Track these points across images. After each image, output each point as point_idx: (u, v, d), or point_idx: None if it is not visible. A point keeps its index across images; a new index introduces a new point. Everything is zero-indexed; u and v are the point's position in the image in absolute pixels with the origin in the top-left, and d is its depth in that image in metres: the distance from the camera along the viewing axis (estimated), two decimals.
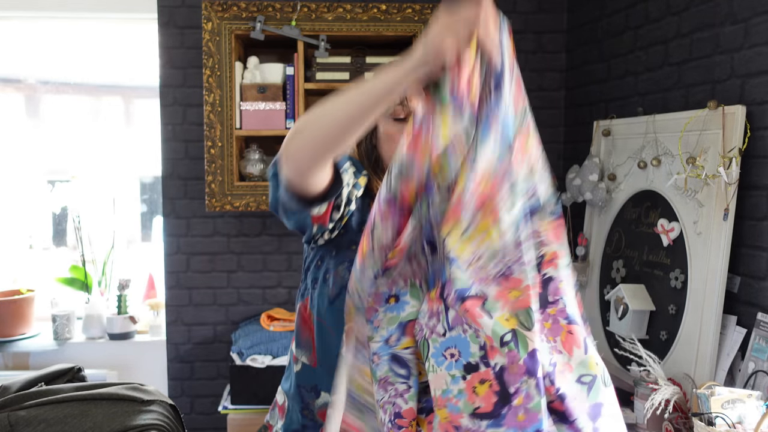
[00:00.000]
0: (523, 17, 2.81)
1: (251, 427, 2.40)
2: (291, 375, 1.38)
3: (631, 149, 2.16)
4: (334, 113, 1.02)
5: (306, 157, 1.05)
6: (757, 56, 1.68)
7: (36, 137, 3.05)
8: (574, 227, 2.50)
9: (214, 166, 2.53)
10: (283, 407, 1.40)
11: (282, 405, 1.40)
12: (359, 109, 0.99)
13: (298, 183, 1.11)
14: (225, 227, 2.79)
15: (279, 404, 1.42)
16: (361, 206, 1.28)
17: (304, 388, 1.34)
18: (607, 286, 2.24)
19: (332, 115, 1.02)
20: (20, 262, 3.03)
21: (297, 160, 1.06)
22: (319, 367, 1.30)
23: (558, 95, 2.85)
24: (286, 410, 1.38)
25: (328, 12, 2.51)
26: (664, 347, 1.90)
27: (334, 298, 1.26)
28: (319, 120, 1.04)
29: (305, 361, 1.34)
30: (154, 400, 1.62)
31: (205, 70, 2.50)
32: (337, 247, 1.28)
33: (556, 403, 0.95)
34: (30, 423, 1.51)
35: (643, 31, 2.20)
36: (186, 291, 2.79)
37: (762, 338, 1.62)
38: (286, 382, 1.41)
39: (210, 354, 2.81)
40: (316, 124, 1.04)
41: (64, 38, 2.99)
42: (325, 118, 1.03)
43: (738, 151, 1.67)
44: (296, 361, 1.36)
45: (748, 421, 1.46)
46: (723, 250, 1.71)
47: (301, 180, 1.10)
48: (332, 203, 1.19)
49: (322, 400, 1.32)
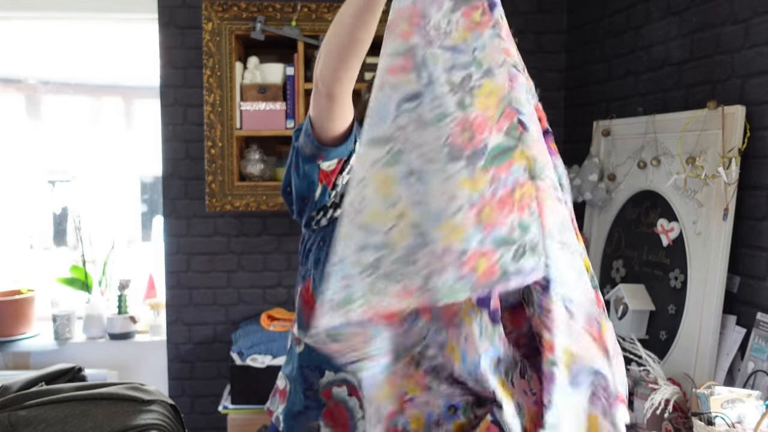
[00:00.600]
0: (523, 17, 2.81)
1: (251, 427, 2.40)
2: (293, 358, 1.40)
3: (631, 149, 2.16)
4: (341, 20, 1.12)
5: (331, 70, 1.15)
6: (757, 56, 1.69)
7: (36, 137, 3.05)
8: None
9: (214, 166, 2.53)
10: (284, 391, 1.41)
11: (283, 389, 1.42)
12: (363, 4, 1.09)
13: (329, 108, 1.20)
14: (225, 227, 2.79)
15: (280, 389, 1.44)
16: None
17: (308, 368, 1.36)
18: (607, 286, 2.24)
19: (339, 22, 1.13)
20: (20, 262, 3.03)
21: (329, 69, 1.16)
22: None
23: (558, 95, 2.85)
24: (288, 393, 1.40)
25: (328, 12, 2.51)
26: (663, 347, 1.90)
27: None
28: (330, 33, 1.15)
29: (309, 341, 1.35)
30: (155, 400, 1.62)
31: (205, 70, 2.50)
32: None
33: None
34: (30, 423, 1.51)
35: (644, 31, 2.20)
36: (186, 291, 2.79)
37: (761, 338, 1.62)
38: (286, 367, 1.43)
39: (210, 354, 2.81)
40: (330, 39, 1.15)
41: (64, 38, 2.99)
42: (335, 27, 1.14)
43: (738, 151, 1.67)
44: (299, 342, 1.38)
45: (748, 420, 1.47)
46: (723, 250, 1.71)
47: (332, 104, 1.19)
48: (341, 163, 1.26)
49: (326, 378, 1.34)
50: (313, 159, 1.26)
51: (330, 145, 1.25)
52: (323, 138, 1.24)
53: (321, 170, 1.26)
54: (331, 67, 1.16)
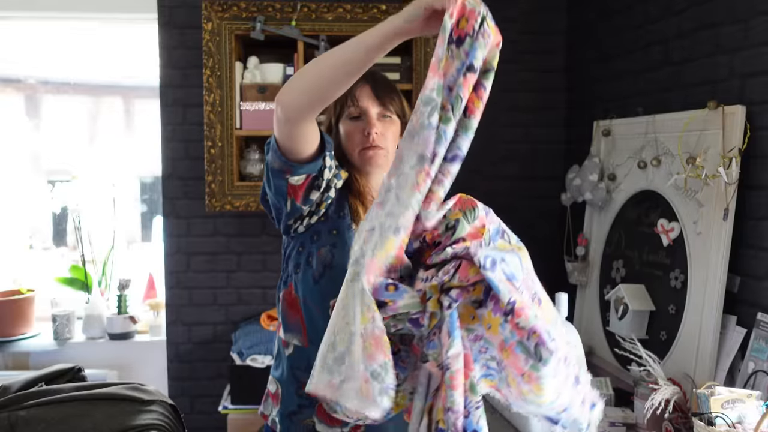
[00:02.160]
0: (523, 17, 2.81)
1: (251, 427, 2.40)
2: (282, 361, 1.43)
3: (631, 149, 2.16)
4: (331, 59, 1.16)
5: (300, 96, 1.19)
6: (757, 56, 1.68)
7: (36, 137, 3.05)
8: (574, 227, 2.50)
9: (214, 166, 2.53)
10: (276, 394, 1.44)
11: (275, 392, 1.44)
12: (353, 57, 1.13)
13: (288, 131, 1.24)
14: (225, 227, 2.79)
15: (272, 393, 1.46)
16: (339, 197, 1.39)
17: (299, 368, 1.39)
18: (607, 286, 2.24)
19: (329, 60, 1.16)
20: (20, 262, 3.03)
21: (292, 97, 1.19)
22: (311, 345, 1.34)
23: (558, 95, 2.85)
24: (281, 396, 1.42)
25: (328, 12, 2.51)
26: (664, 347, 1.90)
27: (318, 278, 1.36)
28: (317, 64, 1.18)
29: (297, 343, 1.40)
30: (154, 400, 1.62)
31: (205, 70, 2.50)
32: (317, 233, 1.38)
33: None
34: (30, 423, 1.51)
35: (643, 31, 2.20)
36: (186, 291, 2.79)
37: (762, 338, 1.62)
38: (276, 370, 1.46)
39: (210, 354, 2.81)
40: (314, 68, 1.18)
41: (64, 38, 2.99)
42: (322, 62, 1.17)
43: (738, 151, 1.67)
44: (287, 345, 1.42)
45: (748, 421, 1.46)
46: (723, 250, 1.71)
47: (291, 128, 1.23)
48: (309, 179, 1.30)
49: None
50: (281, 174, 1.30)
51: (298, 162, 1.28)
52: (290, 157, 1.28)
53: (289, 184, 1.30)
54: (297, 98, 1.19)
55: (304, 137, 1.25)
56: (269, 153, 1.31)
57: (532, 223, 2.77)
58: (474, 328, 1.04)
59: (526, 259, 1.09)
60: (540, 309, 1.04)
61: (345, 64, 1.13)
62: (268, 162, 1.32)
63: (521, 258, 1.07)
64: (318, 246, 1.37)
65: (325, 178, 1.32)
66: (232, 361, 2.45)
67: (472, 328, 1.04)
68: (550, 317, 1.05)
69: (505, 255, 1.04)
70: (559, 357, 1.00)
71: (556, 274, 2.56)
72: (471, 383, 1.03)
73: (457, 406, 1.00)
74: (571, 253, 2.46)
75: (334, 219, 1.38)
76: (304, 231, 1.38)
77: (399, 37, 1.11)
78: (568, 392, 1.06)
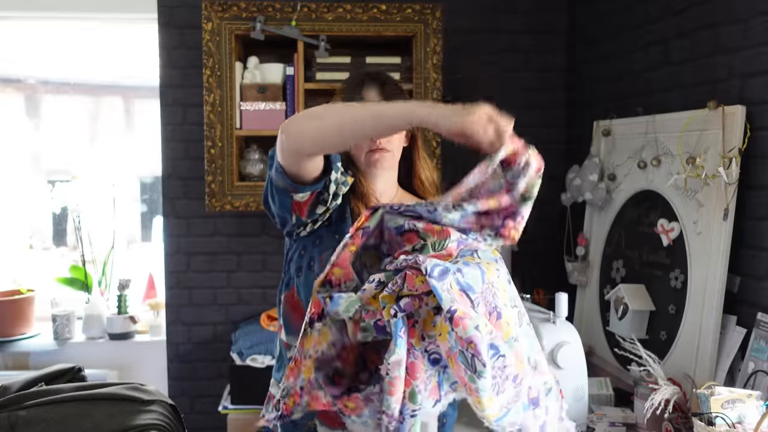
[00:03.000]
0: (523, 17, 2.81)
1: (251, 427, 2.39)
2: (284, 363, 1.43)
3: (631, 149, 2.16)
4: (353, 114, 1.18)
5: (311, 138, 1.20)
6: (757, 56, 1.68)
7: (36, 137, 3.05)
8: (574, 227, 2.50)
9: (214, 166, 2.53)
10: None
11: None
12: (373, 121, 1.16)
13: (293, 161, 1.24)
14: (225, 227, 2.79)
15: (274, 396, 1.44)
16: (342, 202, 1.40)
17: None
18: (607, 286, 2.24)
19: (351, 115, 1.18)
20: (20, 262, 3.03)
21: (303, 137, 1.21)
22: None
23: (558, 95, 2.85)
24: None
25: (328, 12, 2.51)
26: (664, 347, 1.90)
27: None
28: (339, 114, 1.19)
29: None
30: (154, 400, 1.62)
31: (205, 70, 2.50)
32: (320, 237, 1.38)
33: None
34: (30, 423, 1.51)
35: (643, 31, 2.20)
36: (186, 291, 2.79)
37: (762, 338, 1.62)
38: (278, 373, 1.46)
39: (210, 354, 2.81)
40: (334, 117, 1.19)
41: (64, 38, 2.99)
42: (345, 115, 1.19)
43: (738, 151, 1.67)
44: (289, 347, 1.41)
45: (748, 421, 1.46)
46: (723, 250, 1.71)
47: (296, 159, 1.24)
48: (314, 195, 1.30)
49: None
50: (286, 192, 1.30)
51: (303, 184, 1.29)
52: (296, 180, 1.29)
53: (294, 201, 1.31)
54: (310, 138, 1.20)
55: (312, 165, 1.27)
56: (272, 170, 1.31)
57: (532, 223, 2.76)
58: (433, 335, 1.04)
59: (491, 274, 1.09)
60: (495, 324, 1.04)
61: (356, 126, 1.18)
62: (272, 179, 1.32)
63: (485, 271, 1.08)
64: (320, 250, 1.37)
65: (331, 192, 1.33)
66: (232, 361, 2.45)
67: (432, 335, 1.04)
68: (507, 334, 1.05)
69: (464, 267, 1.05)
70: (506, 374, 1.01)
71: (556, 274, 2.56)
72: (412, 391, 1.03)
73: (391, 411, 1.01)
74: (571, 253, 2.46)
75: (338, 224, 1.39)
76: (307, 235, 1.39)
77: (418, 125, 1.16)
78: (519, 413, 1.07)
